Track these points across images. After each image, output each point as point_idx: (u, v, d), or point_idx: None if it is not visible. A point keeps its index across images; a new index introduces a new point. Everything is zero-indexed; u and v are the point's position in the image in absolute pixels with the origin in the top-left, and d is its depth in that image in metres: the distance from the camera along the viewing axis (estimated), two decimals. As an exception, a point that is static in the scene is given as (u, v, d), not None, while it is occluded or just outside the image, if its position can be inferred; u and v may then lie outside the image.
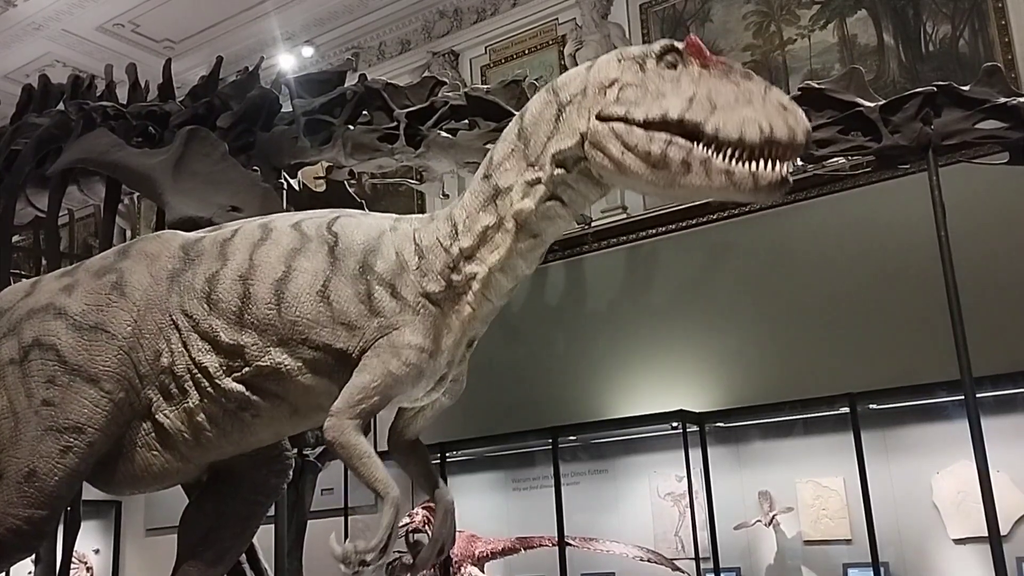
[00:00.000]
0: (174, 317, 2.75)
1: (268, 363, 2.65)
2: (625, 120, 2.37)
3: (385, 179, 6.48)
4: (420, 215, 2.84)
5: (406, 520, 7.41)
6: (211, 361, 2.70)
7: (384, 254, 2.67)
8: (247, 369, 2.68)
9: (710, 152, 2.29)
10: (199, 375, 2.72)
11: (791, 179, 2.30)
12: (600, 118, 2.41)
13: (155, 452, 2.79)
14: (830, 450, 6.65)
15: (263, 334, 2.66)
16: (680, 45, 2.41)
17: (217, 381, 2.70)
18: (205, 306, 2.72)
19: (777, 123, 2.25)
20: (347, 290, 2.63)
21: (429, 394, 2.76)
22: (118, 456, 2.80)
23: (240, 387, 2.69)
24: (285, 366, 2.65)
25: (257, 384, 2.69)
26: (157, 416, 2.77)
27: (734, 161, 2.27)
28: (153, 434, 2.78)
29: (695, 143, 2.30)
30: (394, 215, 2.87)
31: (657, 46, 2.43)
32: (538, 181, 2.52)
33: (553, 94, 2.55)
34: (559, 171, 2.49)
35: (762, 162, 2.27)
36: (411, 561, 7.57)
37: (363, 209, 5.14)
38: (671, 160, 2.31)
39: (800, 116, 2.28)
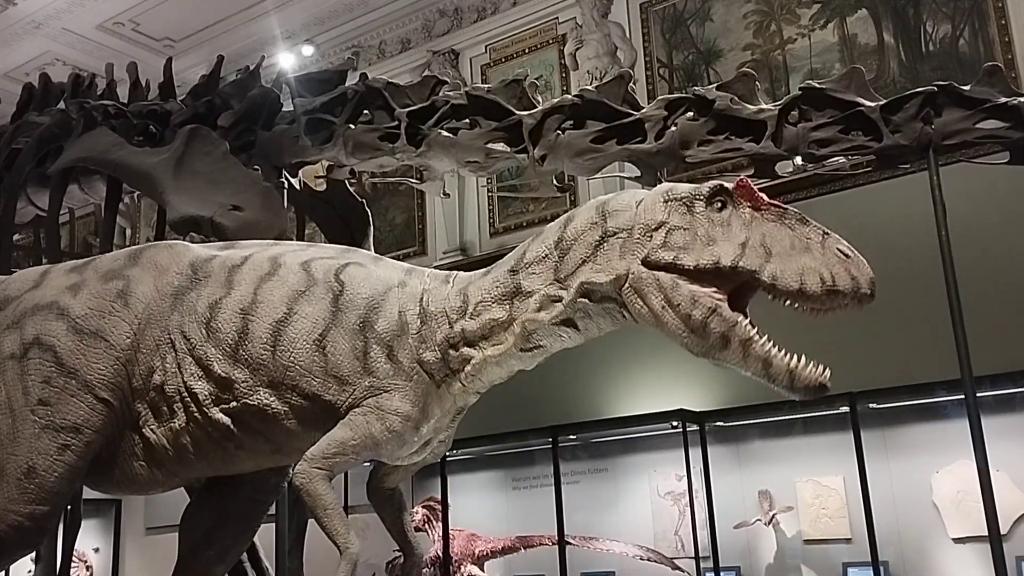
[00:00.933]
0: (172, 336, 2.75)
1: (255, 402, 2.65)
2: (674, 267, 2.31)
3: (386, 178, 6.48)
4: (434, 271, 2.81)
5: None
6: (201, 388, 2.69)
7: (387, 312, 2.64)
8: (235, 404, 2.67)
9: (754, 332, 2.25)
10: (188, 399, 2.71)
11: (829, 387, 2.24)
12: (647, 264, 2.35)
13: (141, 463, 2.80)
14: (830, 449, 6.67)
15: (255, 372, 2.65)
16: (729, 186, 2.35)
17: (205, 409, 2.69)
18: (204, 331, 2.71)
19: (839, 273, 2.20)
20: (344, 344, 2.61)
21: (411, 457, 2.76)
22: (111, 460, 2.81)
23: (226, 419, 2.68)
24: (272, 408, 2.64)
25: (243, 419, 2.68)
26: (144, 430, 2.77)
27: (776, 350, 2.24)
28: (140, 446, 2.79)
29: (740, 317, 2.26)
30: (406, 266, 2.84)
31: (706, 188, 2.37)
32: (559, 300, 2.47)
33: (601, 217, 2.48)
34: (582, 300, 2.44)
35: (803, 361, 2.23)
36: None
37: (364, 207, 5.18)
38: (711, 331, 2.27)
39: (863, 265, 2.22)
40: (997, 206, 6.27)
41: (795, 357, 2.25)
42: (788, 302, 2.23)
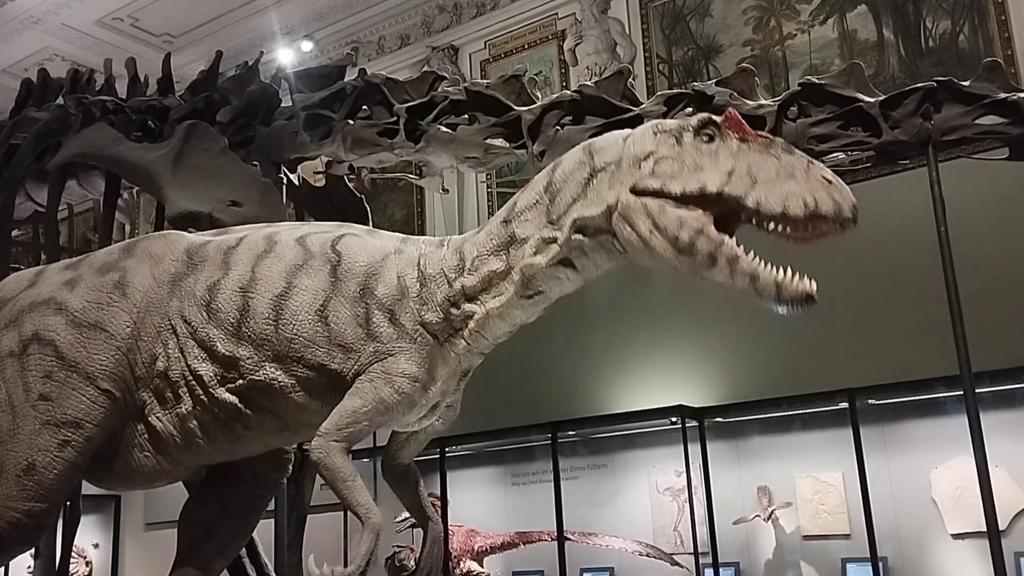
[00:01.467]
0: (173, 322, 2.75)
1: (262, 378, 2.65)
2: (661, 194, 2.33)
3: (385, 174, 6.48)
4: (429, 238, 2.82)
5: (405, 515, 7.42)
6: (206, 370, 2.69)
7: (386, 278, 2.65)
8: (241, 382, 2.67)
9: (740, 250, 2.27)
10: (193, 382, 2.71)
11: (816, 297, 2.25)
12: (634, 191, 2.37)
13: (147, 453, 2.80)
14: (829, 445, 6.67)
15: (259, 348, 2.65)
16: (718, 119, 2.37)
17: (211, 390, 2.70)
18: (204, 314, 2.71)
19: (822, 197, 2.22)
20: (346, 312, 2.61)
21: (421, 420, 2.76)
22: (113, 454, 2.81)
23: (233, 398, 2.69)
24: (279, 382, 2.64)
25: (250, 397, 2.68)
26: (150, 419, 2.77)
27: (763, 265, 2.26)
28: (146, 435, 2.79)
29: (727, 237, 2.28)
30: (401, 235, 2.85)
31: (694, 120, 2.40)
32: (554, 241, 2.49)
33: (588, 155, 2.51)
34: (577, 236, 2.46)
35: (789, 273, 2.25)
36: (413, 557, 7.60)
37: (363, 203, 5.18)
38: (698, 251, 2.29)
39: (845, 191, 2.25)
40: (996, 202, 6.27)
41: (782, 270, 2.26)
42: (772, 226, 2.25)
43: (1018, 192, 6.14)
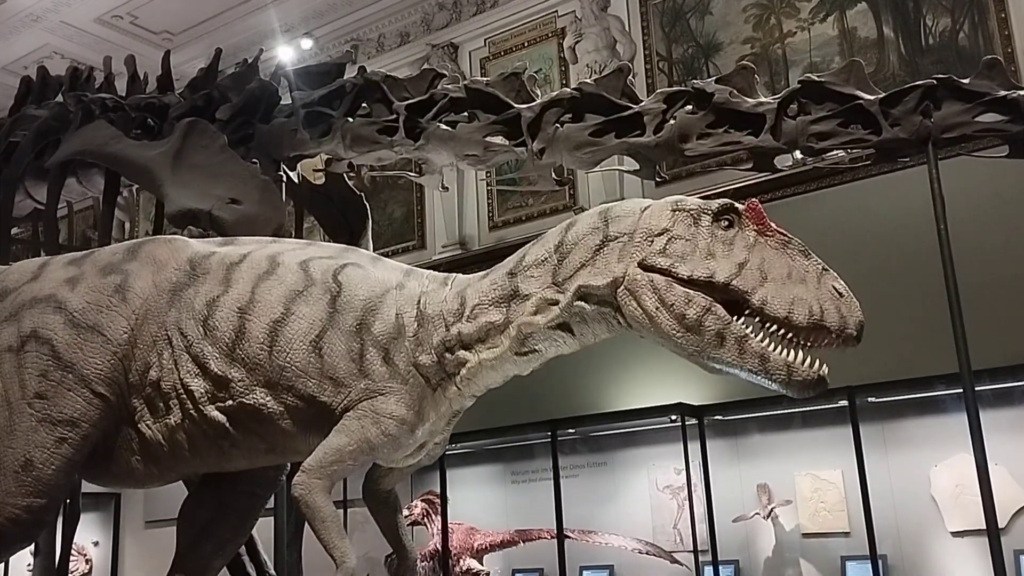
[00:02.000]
0: (170, 333, 2.74)
1: (251, 402, 2.64)
2: (669, 273, 2.31)
3: (384, 172, 6.47)
4: (433, 274, 2.80)
5: (404, 512, 7.42)
6: (198, 386, 2.69)
7: (384, 315, 2.63)
8: (231, 402, 2.67)
9: (749, 330, 2.24)
10: (184, 396, 2.71)
11: (827, 381, 2.22)
12: (643, 266, 2.35)
13: (137, 458, 2.80)
14: (828, 443, 6.67)
15: (251, 372, 2.64)
16: (740, 207, 2.36)
17: (200, 407, 2.69)
18: (200, 329, 2.71)
19: (829, 309, 2.20)
20: (340, 345, 2.60)
21: (407, 459, 2.76)
22: (108, 454, 2.81)
23: (222, 417, 2.68)
24: (267, 408, 2.64)
25: (238, 419, 2.68)
26: (140, 426, 2.77)
27: (773, 346, 2.22)
28: (136, 441, 2.79)
29: (735, 317, 2.25)
30: (405, 267, 2.83)
31: (715, 204, 2.37)
32: (556, 304, 2.47)
33: (603, 222, 2.49)
34: (579, 303, 2.44)
35: (800, 355, 2.22)
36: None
37: (362, 201, 5.17)
38: (706, 329, 2.27)
39: (854, 306, 2.23)
40: (996, 200, 6.27)
41: (792, 352, 2.23)
42: (774, 328, 2.23)
43: (1018, 190, 6.14)
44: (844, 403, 6.33)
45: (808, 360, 2.23)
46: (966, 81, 3.95)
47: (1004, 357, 5.79)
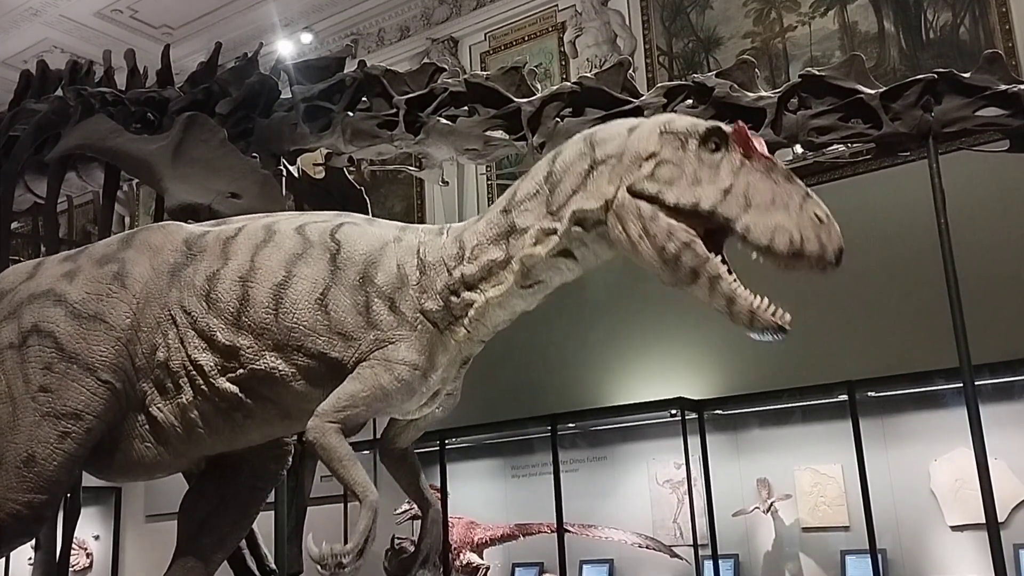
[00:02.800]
0: (173, 312, 2.75)
1: (262, 367, 2.65)
2: (656, 200, 2.33)
3: (384, 166, 6.47)
4: (428, 226, 2.82)
5: (405, 506, 7.43)
6: (206, 360, 2.70)
7: (385, 266, 2.65)
8: (241, 371, 2.67)
9: (723, 270, 2.29)
10: (194, 372, 2.71)
11: (788, 330, 2.30)
12: (631, 192, 2.37)
13: (148, 444, 2.80)
14: (828, 437, 6.67)
15: (259, 337, 2.65)
16: (727, 129, 2.36)
17: (211, 380, 2.70)
18: (204, 304, 2.72)
19: (809, 236, 2.22)
20: (346, 300, 2.61)
21: (422, 408, 2.76)
22: (113, 445, 2.81)
23: (234, 388, 2.69)
24: (279, 371, 2.64)
25: (251, 386, 2.68)
26: (151, 409, 2.77)
27: (742, 289, 2.28)
28: (147, 426, 2.79)
29: (712, 255, 2.29)
30: (400, 224, 2.85)
31: (703, 126, 2.39)
32: (554, 232, 2.49)
33: (589, 147, 2.50)
34: (576, 228, 2.46)
35: (766, 302, 2.27)
36: (412, 548, 7.59)
37: (362, 195, 5.17)
38: (682, 264, 2.30)
39: (834, 233, 2.26)
40: (997, 194, 6.26)
41: (760, 298, 2.29)
42: (755, 256, 2.27)
43: (1019, 184, 6.14)
44: (844, 397, 6.33)
45: (772, 308, 2.29)
46: (967, 75, 3.95)
47: (1004, 352, 5.79)
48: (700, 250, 2.30)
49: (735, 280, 2.31)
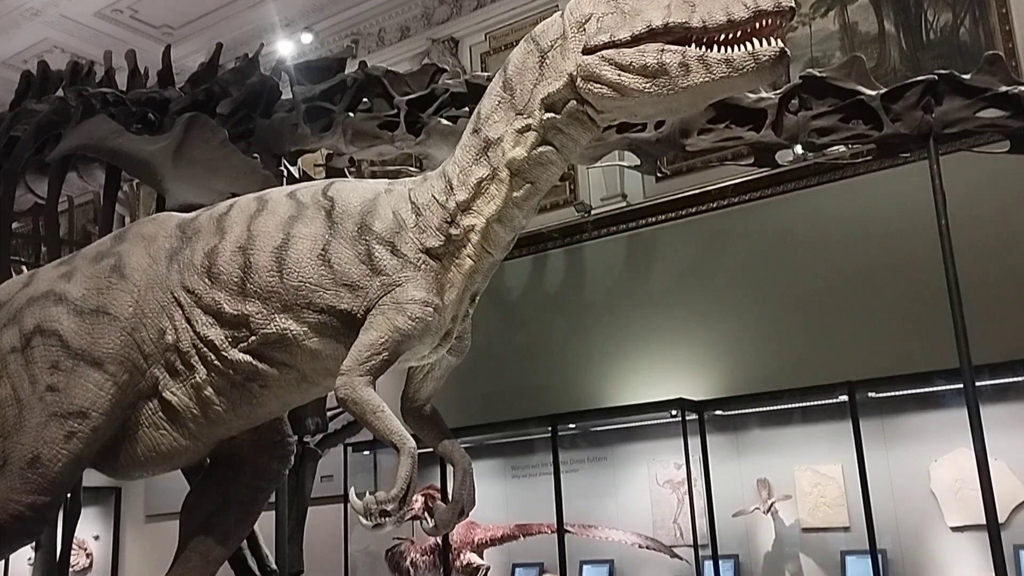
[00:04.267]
0: (176, 294, 2.77)
1: (274, 330, 2.67)
2: (613, 44, 2.38)
3: (385, 166, 6.47)
4: (412, 177, 2.86)
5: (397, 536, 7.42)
6: (216, 334, 2.72)
7: (381, 214, 2.68)
8: (253, 338, 2.69)
9: (703, 49, 2.31)
10: (205, 349, 2.73)
11: (789, 53, 2.31)
12: (587, 51, 2.42)
13: (163, 431, 2.81)
14: (828, 438, 6.67)
15: (267, 302, 2.67)
16: None
17: (223, 353, 2.71)
18: (206, 280, 2.74)
19: None
20: (347, 252, 2.64)
21: (435, 350, 2.77)
22: (124, 439, 2.81)
23: (247, 357, 2.71)
24: (291, 331, 2.66)
25: (264, 353, 2.70)
26: (164, 394, 2.78)
27: (730, 48, 2.29)
28: (160, 413, 2.80)
29: (686, 45, 2.32)
30: (387, 180, 2.89)
31: None
32: (528, 128, 2.54)
33: (534, 43, 2.57)
34: (548, 115, 2.51)
35: (756, 41, 2.28)
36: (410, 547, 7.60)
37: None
38: (668, 65, 2.33)
39: None
40: (997, 195, 6.27)
41: (747, 43, 2.30)
42: (722, 37, 2.30)
43: (1019, 185, 6.14)
44: (844, 398, 6.33)
45: (763, 42, 2.29)
46: (967, 77, 3.95)
47: (1004, 352, 5.79)
48: (675, 47, 2.33)
49: (718, 48, 2.32)
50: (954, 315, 3.95)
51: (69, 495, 4.38)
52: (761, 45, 2.27)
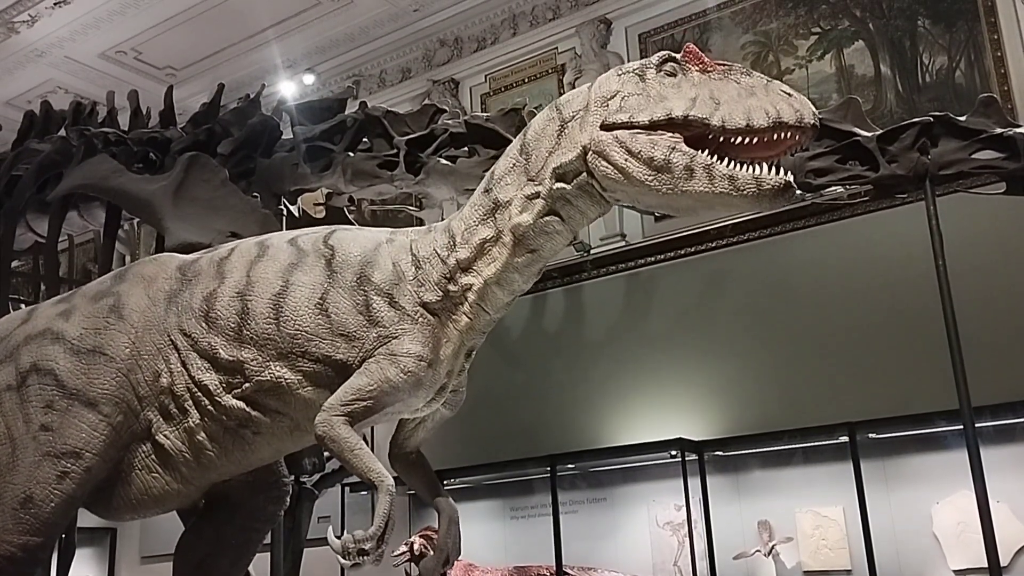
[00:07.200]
0: (173, 337, 2.76)
1: (268, 378, 2.65)
2: (629, 126, 2.39)
3: (385, 206, 6.50)
4: (416, 228, 2.86)
5: (403, 549, 7.36)
6: (211, 379, 2.70)
7: (381, 265, 2.68)
8: (247, 385, 2.68)
9: (714, 158, 2.31)
10: (199, 393, 2.72)
11: (795, 186, 2.31)
12: (605, 127, 2.43)
13: (155, 474, 2.78)
14: (830, 479, 6.62)
15: (262, 349, 2.66)
16: (678, 55, 2.46)
17: (217, 399, 2.70)
18: (204, 324, 2.73)
19: (783, 108, 2.28)
20: (345, 302, 2.63)
21: (429, 404, 2.75)
22: (117, 481, 2.79)
23: (240, 404, 2.69)
24: (285, 380, 2.65)
25: (257, 400, 2.69)
26: (157, 437, 2.76)
27: (739, 165, 2.29)
28: (153, 456, 2.78)
29: (699, 151, 2.33)
30: (390, 229, 2.89)
31: (655, 57, 2.48)
32: (537, 196, 2.53)
33: (556, 111, 2.57)
34: (559, 185, 2.50)
35: (765, 167, 2.29)
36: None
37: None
38: (674, 165, 2.33)
39: (805, 101, 2.31)
40: (994, 236, 6.29)
41: (756, 167, 2.29)
42: (739, 140, 2.29)
43: (1015, 226, 6.16)
44: (845, 439, 6.30)
45: (772, 170, 2.29)
46: (963, 118, 3.98)
47: (1005, 393, 5.78)
48: (686, 148, 2.33)
49: (728, 161, 2.32)
50: (953, 355, 3.95)
51: (63, 535, 4.34)
52: (770, 172, 2.28)
